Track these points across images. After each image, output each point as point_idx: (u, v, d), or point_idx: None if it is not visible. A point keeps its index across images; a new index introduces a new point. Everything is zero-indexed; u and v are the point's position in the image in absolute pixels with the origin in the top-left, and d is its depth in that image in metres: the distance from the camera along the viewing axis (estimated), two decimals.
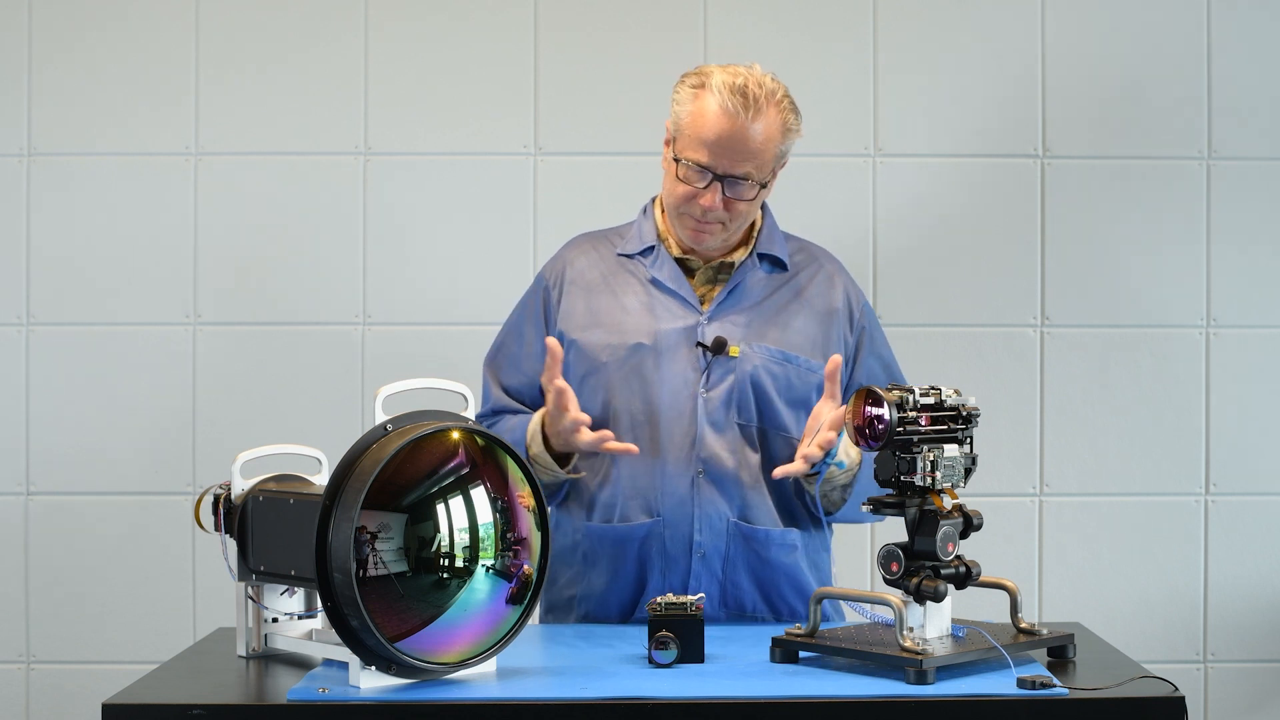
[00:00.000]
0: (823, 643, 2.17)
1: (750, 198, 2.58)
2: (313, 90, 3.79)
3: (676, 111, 2.59)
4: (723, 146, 2.53)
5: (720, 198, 2.56)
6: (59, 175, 3.78)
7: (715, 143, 2.53)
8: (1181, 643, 3.81)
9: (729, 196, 2.56)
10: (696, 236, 2.63)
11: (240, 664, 2.25)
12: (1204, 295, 3.81)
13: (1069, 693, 2.00)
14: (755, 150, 2.54)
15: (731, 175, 2.55)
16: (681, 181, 2.57)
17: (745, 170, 2.55)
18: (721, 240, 2.65)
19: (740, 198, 2.57)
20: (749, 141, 2.53)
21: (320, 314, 3.79)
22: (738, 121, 2.52)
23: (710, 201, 2.55)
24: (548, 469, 2.58)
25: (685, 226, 2.63)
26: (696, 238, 2.63)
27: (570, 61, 3.80)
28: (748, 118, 2.53)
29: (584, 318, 2.67)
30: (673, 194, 2.61)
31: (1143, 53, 3.82)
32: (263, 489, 2.29)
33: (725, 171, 2.54)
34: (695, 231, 2.62)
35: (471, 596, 2.03)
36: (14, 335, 3.77)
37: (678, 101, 2.59)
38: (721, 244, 2.66)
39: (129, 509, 3.77)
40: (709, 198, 2.56)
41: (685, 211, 2.60)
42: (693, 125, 2.55)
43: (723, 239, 2.64)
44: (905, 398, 2.18)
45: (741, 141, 2.53)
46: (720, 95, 2.53)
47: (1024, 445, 3.80)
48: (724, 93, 2.52)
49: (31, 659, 3.78)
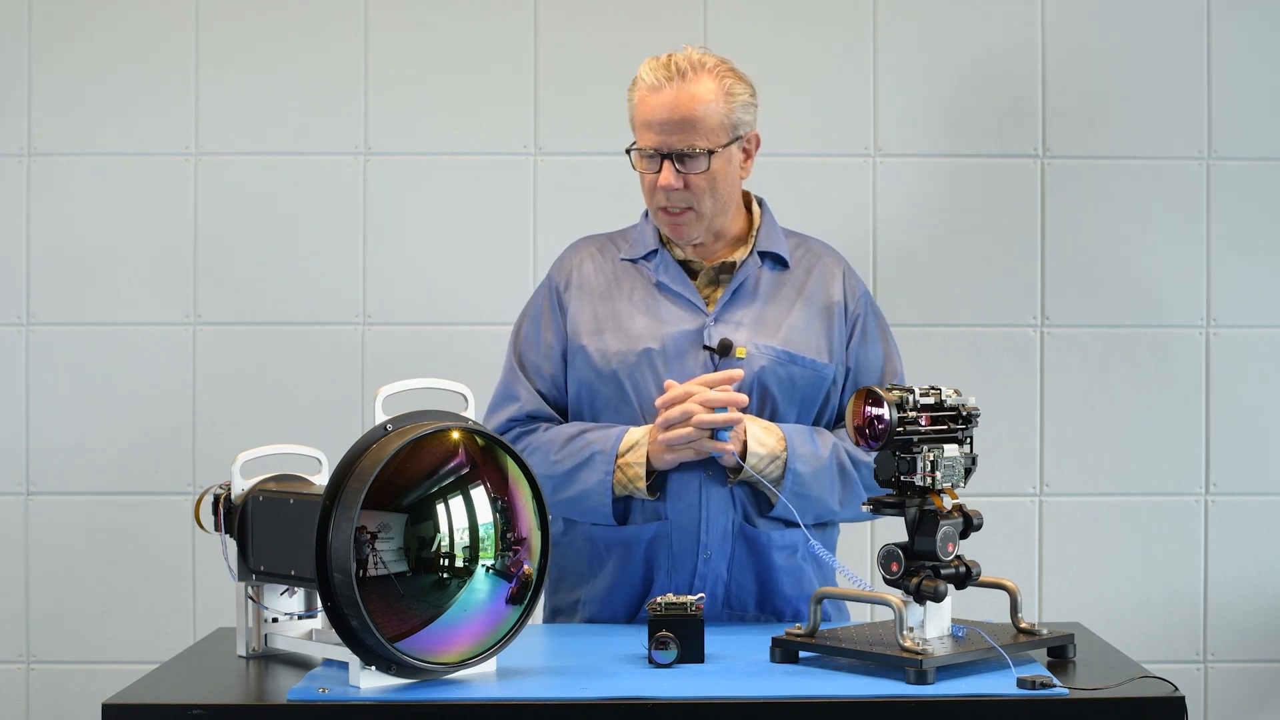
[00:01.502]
0: (823, 643, 2.17)
1: (702, 170, 2.58)
2: (313, 90, 3.79)
3: (629, 115, 2.64)
4: (660, 122, 2.56)
5: (674, 175, 2.57)
6: (59, 175, 3.78)
7: (653, 121, 2.57)
8: (1181, 643, 3.81)
9: (683, 172, 2.57)
10: (674, 229, 2.64)
11: (240, 664, 2.25)
12: (1204, 295, 3.81)
13: (1069, 693, 2.00)
14: (694, 119, 2.55)
15: (677, 151, 2.56)
16: (642, 174, 2.61)
17: (689, 142, 2.56)
18: (700, 228, 2.63)
19: (693, 170, 2.57)
20: (682, 109, 2.55)
21: (320, 314, 3.79)
22: (665, 93, 2.56)
23: (666, 180, 2.56)
24: (633, 483, 2.56)
25: (661, 223, 2.65)
26: (674, 230, 2.64)
27: (570, 61, 3.80)
28: (675, 88, 2.55)
29: (591, 323, 2.66)
30: (643, 191, 2.64)
31: (1142, 52, 3.82)
32: (263, 489, 2.29)
33: (669, 148, 2.56)
34: (671, 225, 2.63)
35: (471, 596, 2.03)
36: (14, 335, 3.77)
37: (628, 105, 2.64)
38: (703, 232, 2.64)
39: (129, 509, 3.77)
40: (662, 178, 2.57)
41: (655, 205, 2.62)
42: (635, 116, 2.61)
43: (701, 227, 2.64)
44: (905, 398, 2.18)
45: (675, 111, 2.55)
46: (647, 75, 2.58)
47: (1024, 445, 3.80)
48: (650, 72, 2.58)
49: (31, 659, 3.78)
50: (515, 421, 2.68)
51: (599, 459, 2.56)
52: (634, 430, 2.58)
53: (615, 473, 2.55)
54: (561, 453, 2.59)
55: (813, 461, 2.56)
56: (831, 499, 2.59)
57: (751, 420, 2.56)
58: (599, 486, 2.55)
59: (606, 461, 2.55)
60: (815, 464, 2.56)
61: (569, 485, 2.58)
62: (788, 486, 2.55)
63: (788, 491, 2.54)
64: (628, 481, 2.55)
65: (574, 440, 2.60)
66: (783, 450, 2.55)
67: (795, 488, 2.55)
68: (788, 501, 2.54)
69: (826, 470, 2.57)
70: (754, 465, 2.53)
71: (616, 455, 2.55)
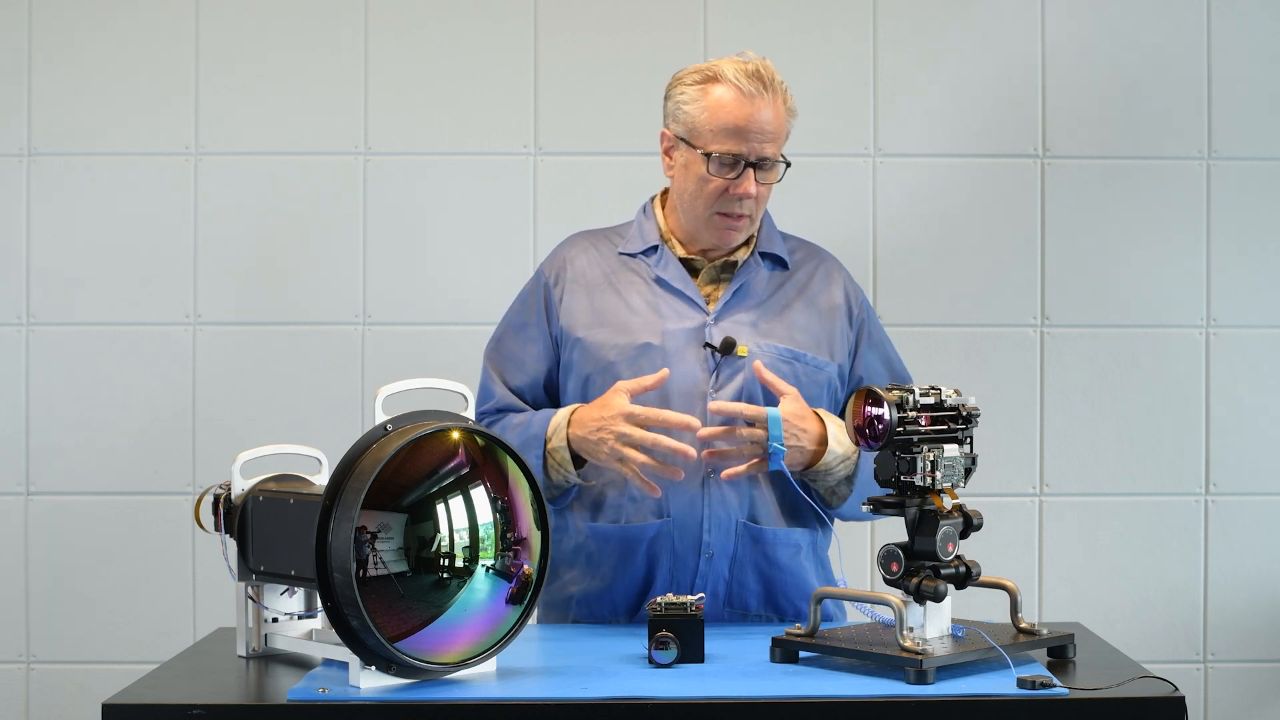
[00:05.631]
0: (823, 643, 2.17)
1: (775, 180, 2.63)
2: (313, 90, 3.79)
3: (687, 111, 2.60)
4: (751, 131, 2.57)
5: (754, 184, 2.59)
6: (59, 175, 3.78)
7: (744, 129, 2.57)
8: (1181, 643, 3.81)
9: (760, 182, 2.60)
10: (727, 235, 2.64)
11: (240, 664, 2.25)
12: (1204, 295, 3.81)
13: (1069, 693, 2.00)
14: (775, 131, 2.60)
15: (762, 159, 2.58)
16: (713, 176, 2.59)
17: (773, 151, 2.60)
18: (747, 233, 2.66)
19: (769, 181, 2.62)
20: (770, 122, 2.58)
21: (320, 314, 3.79)
22: (758, 103, 2.57)
23: (747, 189, 2.58)
24: (561, 468, 2.57)
25: (715, 226, 2.63)
26: (727, 236, 2.64)
27: (570, 61, 3.80)
28: (767, 99, 2.58)
29: (588, 316, 2.66)
30: (701, 193, 2.61)
31: (1143, 53, 3.82)
32: (263, 489, 2.29)
33: (757, 156, 2.58)
34: (727, 230, 2.63)
35: (471, 596, 2.03)
36: (14, 335, 3.77)
37: (685, 101, 2.61)
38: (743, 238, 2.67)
39: (129, 509, 3.77)
40: (745, 185, 2.58)
41: (720, 209, 2.61)
42: (713, 118, 2.58)
43: (748, 233, 2.67)
44: (905, 398, 2.18)
45: (765, 123, 2.58)
46: (738, 81, 2.57)
47: (1024, 445, 3.80)
48: (741, 79, 2.58)
49: (31, 659, 3.78)
50: (484, 414, 2.69)
51: (533, 443, 2.57)
52: (559, 413, 2.58)
53: (546, 457, 2.55)
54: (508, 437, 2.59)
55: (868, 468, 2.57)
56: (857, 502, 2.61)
57: (828, 417, 2.58)
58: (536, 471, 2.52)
59: (538, 445, 2.56)
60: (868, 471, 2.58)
61: None
62: (859, 485, 2.58)
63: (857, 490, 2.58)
64: (557, 465, 2.56)
65: (517, 426, 2.61)
66: (854, 450, 2.57)
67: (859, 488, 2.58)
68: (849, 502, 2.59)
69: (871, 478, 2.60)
70: (827, 463, 2.55)
71: (545, 440, 2.56)
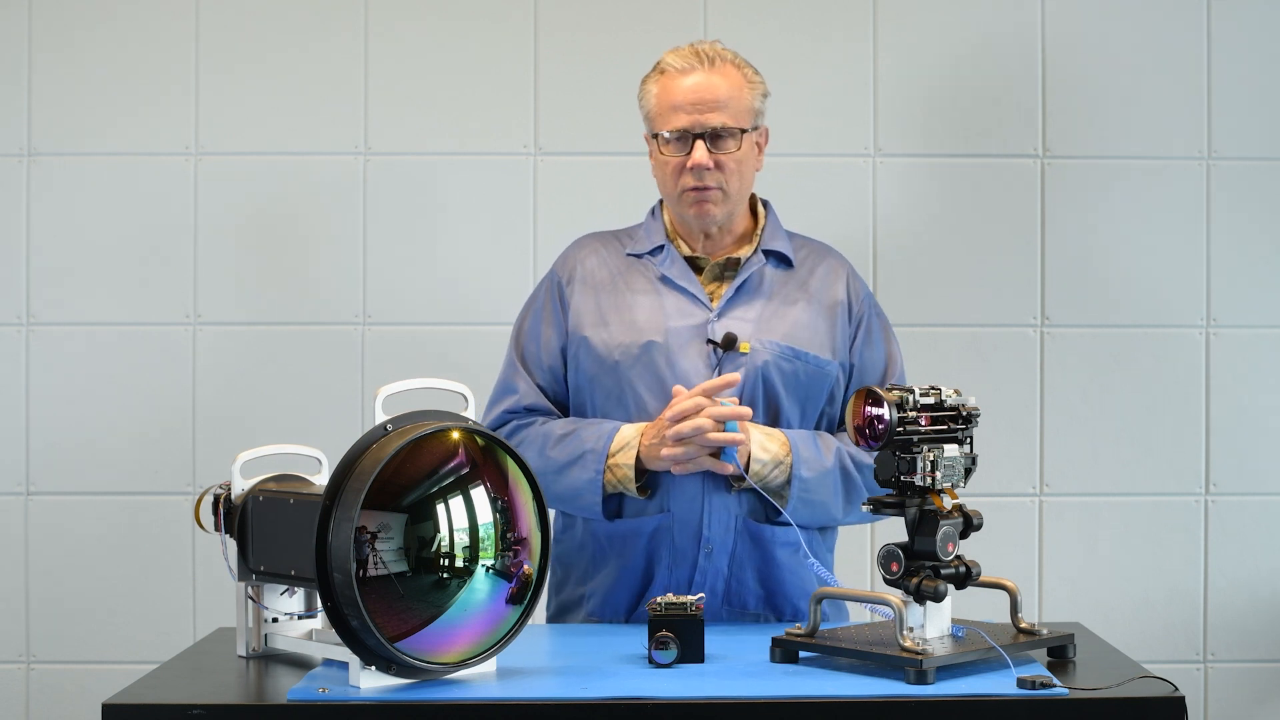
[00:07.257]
0: (823, 643, 2.17)
1: (733, 150, 2.61)
2: (313, 90, 3.79)
3: (643, 106, 2.68)
4: (692, 104, 2.60)
5: (706, 154, 2.59)
6: (59, 175, 3.78)
7: (684, 103, 2.60)
8: (1181, 643, 3.81)
9: (715, 152, 2.60)
10: (701, 210, 2.64)
11: (240, 664, 2.25)
12: (1204, 295, 3.81)
13: (1069, 693, 2.00)
14: (724, 99, 2.60)
15: (710, 129, 2.59)
16: (669, 157, 2.62)
17: (721, 120, 2.60)
18: (726, 211, 2.65)
19: (725, 150, 2.61)
20: (714, 90, 2.60)
21: (320, 314, 3.79)
22: (697, 75, 2.61)
23: (700, 157, 2.59)
24: (622, 484, 2.57)
25: (686, 204, 2.64)
26: (701, 211, 2.64)
27: (570, 61, 3.80)
28: (706, 70, 2.61)
29: (594, 316, 2.67)
30: (665, 180, 2.66)
31: (1142, 52, 3.82)
32: (263, 489, 2.29)
33: (702, 128, 2.59)
34: (698, 204, 2.63)
35: (471, 596, 2.03)
36: (14, 335, 3.77)
37: (642, 99, 2.69)
38: (726, 216, 2.66)
39: (129, 509, 3.77)
40: (696, 156, 2.59)
41: (682, 187, 2.62)
42: (660, 101, 2.64)
43: (727, 210, 2.65)
44: (905, 398, 2.18)
45: (707, 91, 2.60)
46: (675, 61, 2.63)
47: (1024, 445, 3.80)
48: (677, 60, 2.63)
49: (31, 659, 3.78)
50: (512, 414, 2.69)
51: (590, 457, 2.56)
52: (626, 429, 2.58)
53: (605, 472, 2.56)
54: (555, 448, 2.60)
55: (817, 466, 2.56)
56: (836, 504, 2.60)
57: (754, 427, 2.56)
58: (590, 485, 2.56)
59: (597, 460, 2.56)
60: (819, 468, 2.56)
61: (560, 481, 2.58)
62: (794, 493, 2.55)
63: (794, 498, 2.55)
64: (618, 481, 2.56)
65: (567, 437, 2.61)
66: (787, 455, 2.55)
67: (801, 494, 2.55)
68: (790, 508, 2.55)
69: (831, 475, 2.58)
70: (758, 472, 2.54)
71: (607, 455, 2.56)
